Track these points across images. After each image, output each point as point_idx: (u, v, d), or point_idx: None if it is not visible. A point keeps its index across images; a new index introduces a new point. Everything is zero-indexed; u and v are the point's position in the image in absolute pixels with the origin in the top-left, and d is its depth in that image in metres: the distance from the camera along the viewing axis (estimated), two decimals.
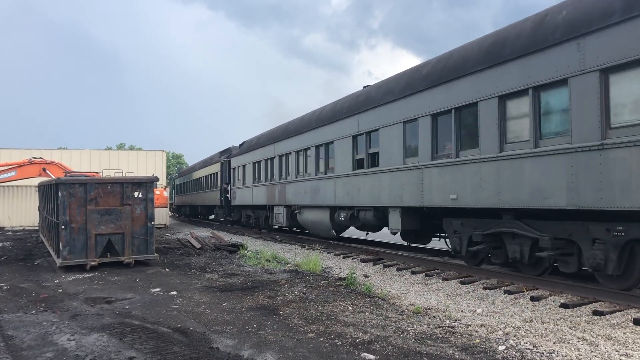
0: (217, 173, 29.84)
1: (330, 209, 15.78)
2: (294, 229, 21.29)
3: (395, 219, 12.20)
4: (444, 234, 11.89)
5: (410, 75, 11.88)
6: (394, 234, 13.14)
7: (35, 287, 10.06)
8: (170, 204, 53.04)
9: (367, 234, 16.26)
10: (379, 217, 13.28)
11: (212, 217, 37.20)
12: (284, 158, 19.67)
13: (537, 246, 8.61)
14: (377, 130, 12.88)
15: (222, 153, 30.90)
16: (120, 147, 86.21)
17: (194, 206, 39.85)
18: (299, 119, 19.46)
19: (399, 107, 11.89)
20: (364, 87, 15.16)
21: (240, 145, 27.33)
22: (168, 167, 68.27)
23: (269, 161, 21.26)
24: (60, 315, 7.49)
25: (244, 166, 24.86)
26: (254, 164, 23.15)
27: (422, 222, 12.09)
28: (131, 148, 79.25)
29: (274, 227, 22.49)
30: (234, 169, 26.67)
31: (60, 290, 9.59)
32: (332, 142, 15.49)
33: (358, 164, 13.94)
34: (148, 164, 31.26)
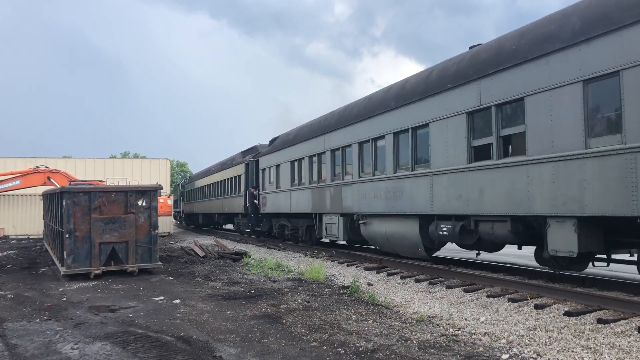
0: (239, 176, 26.00)
1: (420, 219, 11.70)
2: (355, 244, 17.44)
3: (564, 235, 8.08)
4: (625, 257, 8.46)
5: (595, 5, 7.85)
6: (555, 259, 8.78)
7: (39, 295, 10.09)
8: (177, 212, 48.76)
9: (479, 254, 11.47)
10: (518, 233, 9.26)
11: (229, 226, 33.70)
12: (339, 152, 15.50)
13: None
14: (519, 99, 8.84)
15: (245, 153, 27.18)
16: (125, 155, 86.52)
17: (208, 214, 35.56)
18: (363, 100, 15.12)
19: (573, 59, 7.82)
20: (471, 47, 11.12)
21: (271, 141, 23.03)
22: (172, 175, 68.38)
23: (315, 158, 17.22)
24: (64, 324, 7.51)
25: (277, 166, 20.67)
26: (292, 162, 19.09)
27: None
28: (135, 156, 79.58)
29: (323, 240, 18.31)
30: (263, 170, 22.49)
31: (64, 299, 9.61)
32: (425, 125, 11.36)
33: (477, 154, 9.94)
34: (152, 172, 31.36)
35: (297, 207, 18.55)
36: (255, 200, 23.14)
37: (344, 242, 17.49)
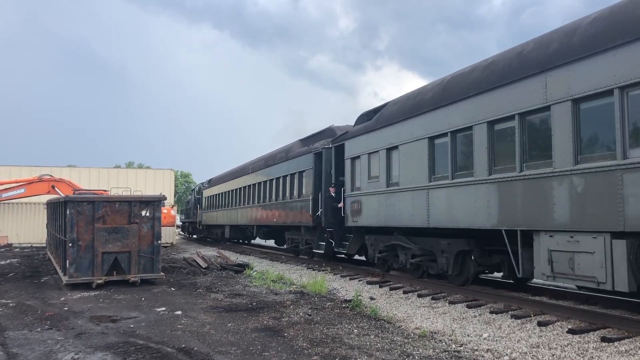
0: (302, 173, 18.24)
1: None
2: None
3: None
4: None
5: None
6: None
7: (41, 304, 10.08)
8: (189, 222, 42.04)
9: None
10: None
11: (265, 242, 27.27)
12: (608, 101, 7.41)
13: None
14: None
15: (309, 140, 19.42)
16: (129, 165, 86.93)
17: (240, 227, 27.58)
18: None
19: None
20: None
21: (363, 116, 14.97)
22: (176, 185, 68.64)
23: (513, 123, 8.93)
24: (65, 334, 7.50)
25: (389, 150, 12.68)
26: (431, 140, 11.18)
27: None
28: (140, 166, 79.96)
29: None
30: (353, 159, 14.55)
31: (66, 308, 9.60)
32: None
33: None
34: (156, 183, 31.48)
35: (448, 216, 10.59)
36: (338, 205, 15.29)
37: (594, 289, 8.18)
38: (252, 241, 30.43)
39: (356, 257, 17.33)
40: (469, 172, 10.09)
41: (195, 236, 41.38)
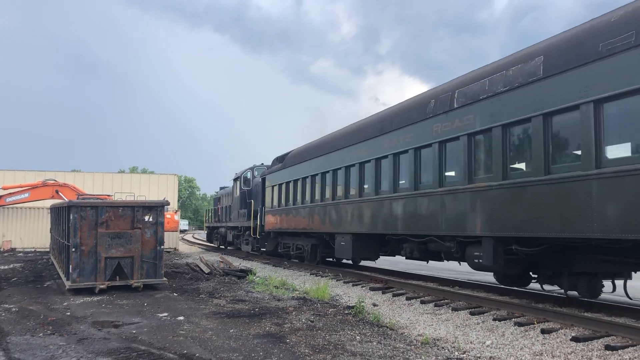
0: None
1: None
2: None
3: None
4: None
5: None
6: None
7: (43, 309, 10.08)
8: (229, 228, 28.53)
9: None
10: None
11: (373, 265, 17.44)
12: None
13: None
14: None
15: None
16: (133, 170, 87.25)
17: (392, 237, 13.08)
18: None
19: None
20: None
21: None
22: (180, 190, 68.80)
23: None
24: (67, 339, 7.49)
25: None
26: None
27: None
28: (144, 171, 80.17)
29: None
30: None
31: (68, 313, 9.61)
32: None
33: None
34: (160, 188, 31.60)
35: None
36: None
37: None
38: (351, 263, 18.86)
39: None
40: None
41: (237, 248, 28.01)
